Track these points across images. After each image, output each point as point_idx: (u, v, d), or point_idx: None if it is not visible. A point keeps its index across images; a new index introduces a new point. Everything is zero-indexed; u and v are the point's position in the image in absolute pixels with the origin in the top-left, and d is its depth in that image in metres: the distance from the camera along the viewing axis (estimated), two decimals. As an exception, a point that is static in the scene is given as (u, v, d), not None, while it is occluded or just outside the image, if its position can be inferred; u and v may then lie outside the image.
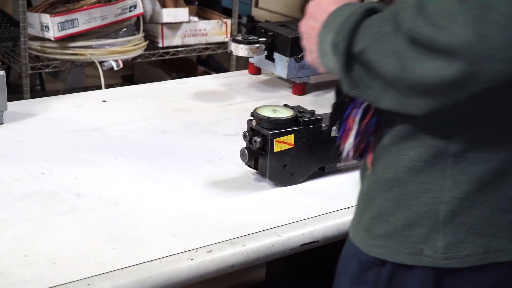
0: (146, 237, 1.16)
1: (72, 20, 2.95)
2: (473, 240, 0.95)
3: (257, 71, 1.99)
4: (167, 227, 1.19)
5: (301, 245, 1.21)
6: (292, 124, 1.35)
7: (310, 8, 1.05)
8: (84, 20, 2.97)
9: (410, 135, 0.97)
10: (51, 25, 2.92)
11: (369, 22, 0.92)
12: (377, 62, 0.90)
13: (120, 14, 3.05)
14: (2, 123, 1.55)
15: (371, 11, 0.93)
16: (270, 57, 1.84)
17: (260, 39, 1.81)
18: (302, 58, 1.79)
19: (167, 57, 3.28)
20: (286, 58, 1.80)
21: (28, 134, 1.52)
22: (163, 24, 3.25)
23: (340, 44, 0.93)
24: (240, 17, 4.90)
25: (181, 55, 3.33)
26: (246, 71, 2.01)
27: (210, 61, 4.37)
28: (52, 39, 2.95)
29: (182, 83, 1.90)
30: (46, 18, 2.93)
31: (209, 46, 3.39)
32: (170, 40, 3.28)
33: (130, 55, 3.12)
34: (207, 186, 1.34)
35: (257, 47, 1.78)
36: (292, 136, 1.34)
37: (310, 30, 1.03)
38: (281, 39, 1.81)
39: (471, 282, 0.97)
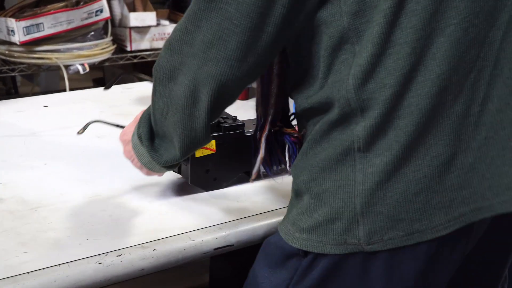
0: (59, 241, 1.18)
1: (37, 25, 2.97)
2: (393, 226, 1.00)
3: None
4: (82, 231, 1.21)
5: (215, 249, 1.23)
6: (213, 130, 1.37)
7: (121, 137, 1.30)
8: (49, 25, 2.99)
9: (321, 138, 1.05)
10: (17, 29, 2.94)
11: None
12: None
13: (87, 18, 3.07)
14: None
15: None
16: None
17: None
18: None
19: (135, 60, 3.30)
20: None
21: (-36, 139, 1.55)
22: (131, 28, 3.27)
23: (141, 133, 1.20)
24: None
25: (149, 59, 3.35)
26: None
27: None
28: (18, 43, 2.97)
29: (127, 88, 1.92)
30: (12, 23, 2.95)
31: (177, 49, 3.41)
32: (138, 43, 3.30)
33: (97, 59, 3.14)
34: (132, 190, 1.37)
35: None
36: (213, 141, 1.37)
37: (129, 154, 1.27)
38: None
39: (398, 260, 1.02)
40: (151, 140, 1.20)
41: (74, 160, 1.48)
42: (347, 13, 0.98)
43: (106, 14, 3.13)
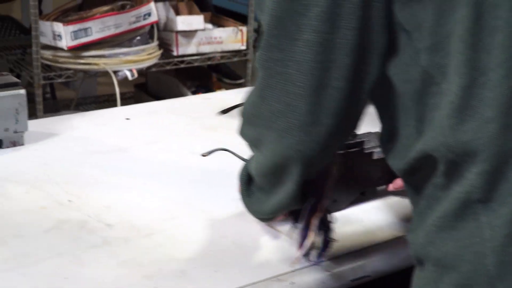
0: (186, 273, 1.08)
1: (85, 29, 2.88)
2: None
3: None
4: (207, 262, 1.11)
5: (352, 280, 1.13)
6: None
7: None
8: (97, 29, 2.89)
9: (432, 195, 0.89)
10: (64, 34, 2.84)
11: None
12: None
13: (134, 23, 2.98)
14: (23, 144, 1.47)
15: None
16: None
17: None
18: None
19: (182, 65, 3.20)
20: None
21: (51, 156, 1.44)
22: (177, 32, 3.17)
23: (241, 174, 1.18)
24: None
25: (196, 64, 3.25)
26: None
27: (221, 67, 4.28)
28: (65, 48, 2.87)
29: (206, 98, 1.82)
30: (59, 27, 2.85)
31: (224, 54, 3.31)
32: (185, 48, 3.20)
33: (144, 64, 3.05)
34: (246, 214, 1.26)
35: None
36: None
37: None
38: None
39: None
40: (248, 184, 1.16)
41: (172, 179, 1.37)
42: (422, 50, 0.85)
43: (154, 18, 3.03)
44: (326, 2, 0.85)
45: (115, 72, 2.94)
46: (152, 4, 2.98)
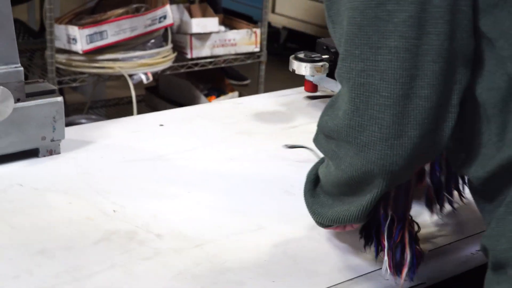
0: (244, 283, 1.06)
1: (101, 32, 2.86)
2: None
3: (313, 88, 1.89)
4: (263, 272, 1.09)
5: (409, 289, 1.11)
6: None
7: None
8: (113, 32, 2.87)
9: None
10: (79, 38, 2.82)
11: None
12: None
13: (150, 25, 2.96)
14: (59, 153, 1.45)
15: None
16: (331, 75, 1.74)
17: (323, 57, 1.70)
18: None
19: (196, 68, 3.19)
20: (351, 76, 1.70)
21: (89, 164, 1.42)
22: (192, 34, 3.15)
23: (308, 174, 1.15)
24: (255, 22, 4.81)
25: (210, 67, 3.23)
26: (302, 88, 1.91)
27: (226, 68, 4.27)
28: (80, 52, 2.85)
29: (238, 103, 1.80)
30: (74, 30, 2.83)
31: (238, 56, 3.29)
32: (199, 51, 3.19)
33: (159, 68, 3.03)
34: (292, 221, 1.24)
35: (322, 66, 1.68)
36: None
37: None
38: (346, 56, 1.70)
39: None
40: (315, 184, 1.13)
41: (215, 187, 1.36)
42: (508, 58, 0.84)
43: (169, 20, 3.02)
44: (413, 6, 0.83)
45: (130, 76, 2.92)
46: (168, 7, 2.97)
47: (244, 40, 3.27)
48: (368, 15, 0.85)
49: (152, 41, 3.04)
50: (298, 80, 1.82)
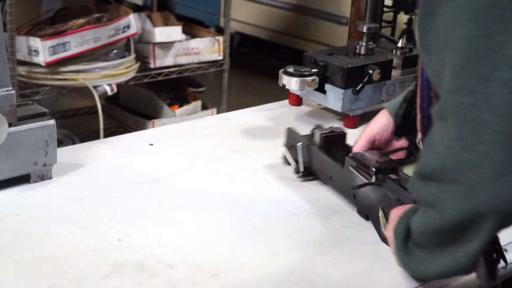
0: (269, 316, 1.02)
1: (63, 44, 2.78)
2: None
3: (298, 102, 1.87)
4: (286, 302, 1.06)
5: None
6: None
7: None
8: (76, 43, 2.80)
9: None
10: (42, 49, 2.74)
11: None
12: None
13: (113, 36, 2.89)
14: (51, 178, 1.39)
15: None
16: (320, 89, 1.71)
17: (313, 70, 1.68)
18: (360, 90, 1.67)
19: (159, 78, 3.13)
20: (341, 90, 1.68)
21: (84, 189, 1.37)
22: (154, 43, 3.09)
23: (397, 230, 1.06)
24: (207, 27, 4.76)
25: (173, 76, 3.18)
26: (286, 101, 1.88)
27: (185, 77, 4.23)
28: (43, 64, 2.77)
29: (224, 118, 1.76)
30: (36, 42, 2.75)
31: (201, 65, 3.25)
32: (162, 60, 3.14)
33: (123, 78, 2.97)
34: (303, 245, 1.22)
35: (312, 80, 1.66)
36: None
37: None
38: (335, 70, 1.68)
39: None
40: (406, 240, 1.05)
41: (219, 210, 1.32)
42: None
43: (133, 30, 2.96)
44: None
45: (95, 87, 2.85)
46: (131, 16, 2.91)
47: (207, 49, 3.23)
48: (476, 46, 0.81)
49: (115, 51, 2.97)
50: (253, 87, 1.79)
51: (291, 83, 1.65)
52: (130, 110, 3.37)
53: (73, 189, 1.37)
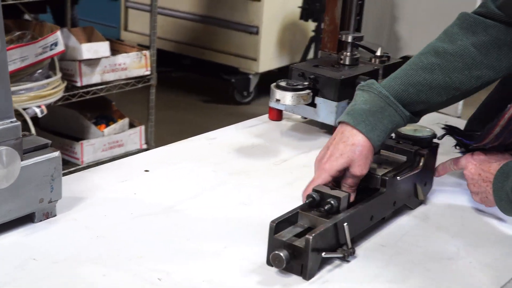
0: None
1: (-11, 65, 2.58)
2: None
3: (278, 116, 1.80)
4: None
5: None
6: None
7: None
8: (2, 64, 2.61)
9: None
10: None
11: None
12: None
13: (41, 54, 2.73)
14: (55, 215, 1.27)
15: None
16: (310, 103, 1.65)
17: (305, 83, 1.62)
18: (355, 102, 1.62)
19: (88, 97, 2.98)
20: (334, 103, 1.63)
21: (97, 226, 1.25)
22: (80, 61, 2.94)
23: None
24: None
25: (102, 94, 3.03)
26: (266, 116, 1.81)
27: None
28: (-33, 88, 2.57)
29: (211, 138, 1.67)
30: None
31: (129, 81, 3.12)
32: (89, 77, 2.99)
33: (52, 99, 2.81)
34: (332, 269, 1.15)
35: (307, 94, 1.60)
36: None
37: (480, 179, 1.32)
38: (327, 82, 1.63)
39: None
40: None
41: (247, 239, 1.24)
42: None
43: (61, 47, 2.81)
44: None
45: (24, 110, 2.68)
46: (59, 33, 2.75)
47: (135, 64, 3.11)
48: None
49: (39, 71, 2.81)
50: (169, 100, 1.71)
51: (286, 98, 1.59)
52: (54, 132, 3.19)
53: (84, 226, 1.25)
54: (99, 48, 2.96)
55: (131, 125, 3.31)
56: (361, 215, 1.21)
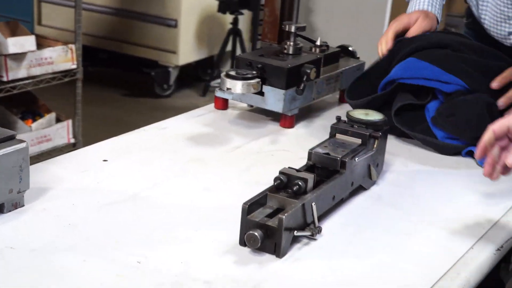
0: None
1: None
2: None
3: (224, 105, 1.85)
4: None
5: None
6: None
7: None
8: None
9: None
10: None
11: None
12: None
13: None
14: (23, 206, 1.28)
15: None
16: (258, 91, 1.71)
17: (253, 73, 1.67)
18: (303, 89, 1.69)
19: (15, 91, 2.94)
20: (282, 91, 1.68)
21: (67, 215, 1.27)
22: (6, 55, 2.90)
23: None
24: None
25: (29, 88, 3.00)
26: (212, 106, 1.86)
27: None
28: None
29: (162, 128, 1.70)
30: None
31: (56, 75, 3.10)
32: (15, 72, 2.96)
33: (-21, 95, 2.75)
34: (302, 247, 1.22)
35: (257, 82, 1.65)
36: None
37: None
38: (274, 71, 1.69)
39: None
40: None
41: (220, 221, 1.28)
42: None
43: (-12, 42, 2.75)
44: None
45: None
46: (-15, 28, 2.70)
47: (61, 58, 3.09)
48: None
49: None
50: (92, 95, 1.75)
51: (237, 87, 1.63)
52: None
53: (55, 215, 1.26)
54: (25, 42, 2.92)
55: (58, 120, 3.28)
56: (325, 195, 1.27)
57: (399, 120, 1.67)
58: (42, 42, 3.19)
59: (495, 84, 1.60)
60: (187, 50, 4.86)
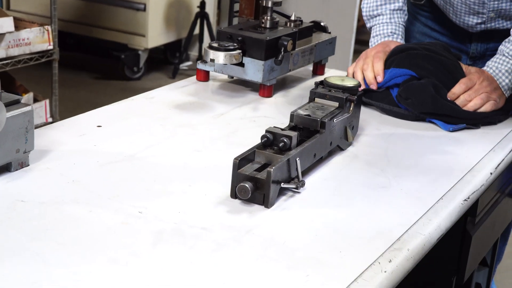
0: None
1: None
2: None
3: (206, 77, 1.96)
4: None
5: None
6: None
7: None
8: None
9: None
10: None
11: None
12: None
13: None
14: (29, 165, 1.38)
15: None
16: (239, 63, 1.82)
17: (234, 45, 1.78)
18: (282, 60, 1.80)
19: (-6, 71, 3.01)
20: (261, 62, 1.80)
21: (70, 172, 1.36)
22: (-15, 36, 2.97)
23: None
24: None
25: (7, 69, 3.07)
26: (193, 78, 1.96)
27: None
28: None
29: (150, 97, 1.81)
30: None
31: (33, 56, 3.17)
32: (-6, 53, 3.01)
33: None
34: (287, 199, 1.33)
35: (239, 54, 1.76)
36: None
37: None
38: (254, 43, 1.80)
39: None
40: None
41: (210, 177, 1.39)
42: None
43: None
44: None
45: None
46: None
47: (38, 39, 3.16)
48: None
49: None
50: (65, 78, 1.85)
51: (219, 58, 1.74)
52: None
53: (59, 173, 1.36)
54: (3, 24, 2.99)
55: (35, 100, 3.35)
56: (307, 152, 1.39)
57: (368, 96, 1.82)
58: (18, 24, 3.25)
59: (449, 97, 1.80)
60: (156, 34, 4.94)
